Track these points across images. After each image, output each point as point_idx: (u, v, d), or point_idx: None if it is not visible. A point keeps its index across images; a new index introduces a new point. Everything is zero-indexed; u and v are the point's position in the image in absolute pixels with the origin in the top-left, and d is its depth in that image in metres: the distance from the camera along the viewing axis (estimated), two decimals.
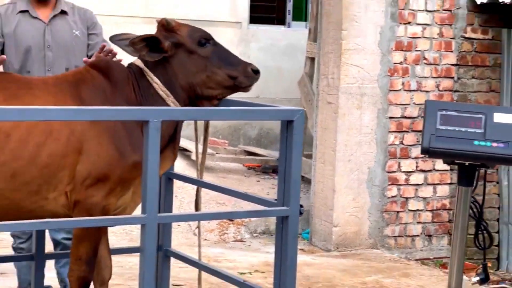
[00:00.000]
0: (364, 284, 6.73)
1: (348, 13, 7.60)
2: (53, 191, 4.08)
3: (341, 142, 7.69)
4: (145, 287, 3.80)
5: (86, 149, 4.09)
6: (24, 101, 4.03)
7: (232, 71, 4.28)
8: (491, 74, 8.19)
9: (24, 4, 4.87)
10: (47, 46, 4.87)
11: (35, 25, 4.86)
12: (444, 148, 3.32)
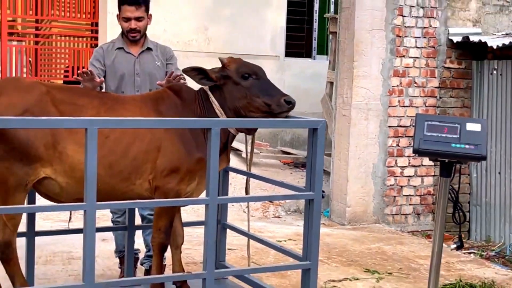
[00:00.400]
0: (369, 249, 6.69)
1: (358, 49, 7.56)
2: (139, 178, 4.09)
3: (353, 145, 7.66)
4: (208, 251, 3.82)
5: (163, 148, 4.11)
6: (119, 112, 4.07)
7: (267, 100, 4.18)
8: (464, 94, 8.14)
9: (120, 43, 4.91)
10: (136, 73, 4.91)
11: (128, 58, 4.90)
12: (430, 149, 3.31)
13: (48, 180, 3.92)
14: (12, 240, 3.95)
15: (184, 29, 10.26)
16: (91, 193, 3.44)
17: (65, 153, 3.87)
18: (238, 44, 10.57)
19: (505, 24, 8.24)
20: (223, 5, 10.35)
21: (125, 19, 4.80)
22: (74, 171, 3.87)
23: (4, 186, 3.80)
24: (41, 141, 3.81)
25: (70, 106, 3.98)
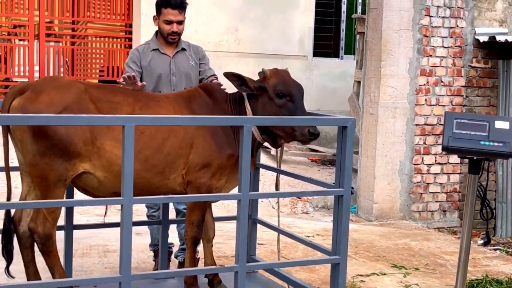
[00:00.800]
0: (396, 245, 6.67)
1: (386, 49, 7.54)
2: (173, 173, 4.13)
3: (380, 142, 7.64)
4: (240, 245, 3.84)
5: (196, 144, 4.13)
6: (153, 109, 4.12)
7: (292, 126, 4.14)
8: (490, 93, 8.06)
9: (155, 44, 4.93)
10: (172, 73, 4.94)
11: (163, 59, 4.92)
12: (459, 146, 3.28)
13: (87, 175, 3.96)
14: (52, 233, 3.99)
15: (214, 30, 10.30)
16: (128, 188, 3.47)
17: (103, 149, 3.92)
18: (267, 44, 10.59)
19: None
20: (252, 6, 10.37)
21: (167, 22, 4.81)
22: (111, 165, 3.91)
23: (45, 181, 3.85)
24: (80, 137, 3.86)
25: (107, 103, 4.03)
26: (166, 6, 4.78)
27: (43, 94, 3.89)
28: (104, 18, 10.65)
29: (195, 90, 4.44)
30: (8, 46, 10.23)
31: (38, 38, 10.10)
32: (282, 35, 10.80)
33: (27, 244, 4.15)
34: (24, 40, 10.05)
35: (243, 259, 3.83)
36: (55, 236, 4.07)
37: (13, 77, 10.13)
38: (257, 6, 10.45)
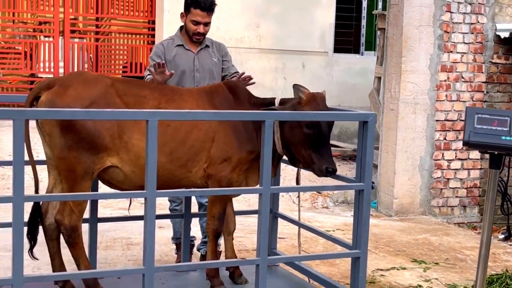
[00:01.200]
0: (416, 240, 6.66)
1: (406, 45, 7.52)
2: (195, 166, 4.15)
3: (400, 138, 7.62)
4: (262, 238, 3.84)
5: (217, 139, 4.16)
6: (177, 103, 4.14)
7: (314, 158, 4.09)
8: (511, 89, 8.02)
9: (179, 40, 4.95)
10: (196, 69, 4.95)
11: (188, 55, 4.94)
12: (480, 141, 3.25)
13: (113, 168, 3.99)
14: (78, 225, 4.02)
15: (236, 26, 10.32)
16: (152, 181, 3.49)
17: (130, 143, 3.94)
18: (288, 40, 10.59)
19: None
20: (273, 2, 10.36)
21: (195, 22, 4.81)
22: (139, 159, 3.92)
23: (72, 174, 3.88)
24: (107, 131, 3.88)
25: (133, 97, 4.05)
26: (196, 6, 4.78)
27: (70, 88, 3.92)
28: (128, 15, 10.69)
29: (219, 86, 4.46)
30: (34, 42, 10.31)
31: (63, 35, 10.17)
32: (303, 31, 10.79)
33: (53, 236, 4.19)
34: (49, 37, 10.12)
35: (264, 253, 3.83)
36: (81, 228, 4.10)
37: (39, 73, 10.21)
38: (278, 3, 10.45)
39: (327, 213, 7.81)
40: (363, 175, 4.02)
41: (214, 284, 4.38)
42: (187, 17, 4.86)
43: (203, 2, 4.78)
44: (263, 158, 3.77)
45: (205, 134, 4.14)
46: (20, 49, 10.10)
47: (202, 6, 4.77)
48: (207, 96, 4.32)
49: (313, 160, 4.11)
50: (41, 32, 10.14)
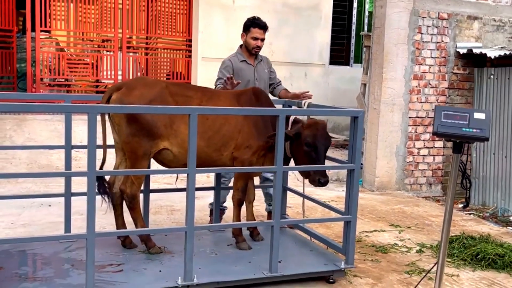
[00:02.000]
0: (393, 209, 6.64)
1: (387, 59, 7.47)
2: (226, 151, 4.19)
3: (381, 131, 7.58)
4: (276, 206, 3.88)
5: (242, 130, 4.19)
6: (215, 102, 4.19)
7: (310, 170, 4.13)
8: (467, 94, 7.94)
9: (242, 56, 5.01)
10: (256, 79, 5.00)
11: (249, 68, 5.00)
12: (446, 132, 3.24)
13: (165, 150, 4.04)
14: (137, 194, 4.09)
15: None
16: (192, 161, 3.53)
17: (178, 131, 3.99)
18: (295, 55, 10.56)
19: (500, 40, 8.02)
20: (283, 25, 10.33)
21: (254, 38, 4.92)
22: (184, 143, 3.96)
23: (135, 155, 3.94)
24: (161, 122, 3.94)
25: (182, 97, 4.10)
26: (255, 26, 4.91)
27: (135, 90, 3.98)
28: (170, 34, 10.68)
29: (247, 90, 4.48)
30: (98, 55, 10.34)
31: (121, 50, 10.20)
32: (306, 47, 10.75)
33: (118, 202, 4.25)
34: (111, 51, 10.15)
35: (278, 217, 3.87)
36: (139, 196, 4.17)
37: (102, 79, 10.25)
38: (288, 26, 10.42)
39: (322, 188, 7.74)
40: (354, 159, 4.06)
41: (238, 241, 4.44)
42: (247, 36, 4.95)
43: (260, 22, 4.92)
44: (277, 144, 3.80)
45: (234, 126, 4.18)
46: (88, 60, 10.14)
47: (260, 25, 4.90)
48: (237, 97, 4.35)
49: (309, 172, 4.16)
50: (104, 48, 10.18)
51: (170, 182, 6.92)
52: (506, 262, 4.64)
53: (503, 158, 7.26)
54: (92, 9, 9.98)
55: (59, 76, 9.77)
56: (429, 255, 4.95)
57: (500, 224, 6.47)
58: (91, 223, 3.35)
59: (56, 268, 3.83)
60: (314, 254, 4.40)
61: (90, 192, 3.35)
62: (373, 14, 7.82)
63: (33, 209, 5.74)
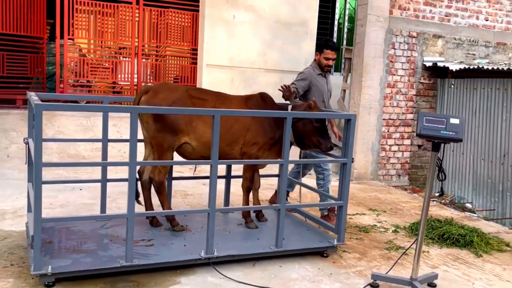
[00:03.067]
0: (370, 196, 6.76)
1: (366, 70, 7.59)
2: (236, 146, 4.23)
3: (359, 130, 7.72)
4: (282, 192, 3.99)
5: (250, 129, 4.24)
6: (227, 105, 4.22)
7: (322, 141, 4.25)
8: (431, 100, 8.11)
9: (317, 70, 5.01)
10: (328, 91, 5.06)
11: (323, 81, 5.02)
12: (427, 134, 3.33)
13: (186, 144, 4.09)
14: (164, 180, 4.15)
15: (251, 53, 10.33)
16: (215, 154, 3.62)
17: (197, 127, 4.05)
18: (284, 64, 10.61)
19: (459, 55, 8.21)
20: (276, 38, 10.40)
21: (326, 59, 4.91)
22: (201, 138, 4.04)
23: (161, 148, 4.00)
24: (182, 120, 4.00)
25: (199, 100, 4.14)
26: (328, 47, 4.90)
27: (160, 93, 4.04)
28: (177, 44, 10.70)
29: (255, 95, 4.48)
30: (115, 61, 10.34)
31: (137, 57, 10.22)
32: (294, 58, 10.82)
33: (147, 187, 4.32)
34: (126, 57, 10.16)
35: (284, 201, 3.98)
36: (165, 183, 4.25)
37: (118, 81, 10.25)
38: (279, 39, 10.49)
39: (309, 178, 7.81)
40: (347, 154, 4.15)
41: (247, 221, 4.53)
42: (320, 55, 4.94)
43: (332, 44, 4.91)
44: (284, 140, 3.90)
45: (243, 125, 4.22)
46: (107, 65, 10.14)
47: (332, 47, 4.89)
48: (246, 101, 4.37)
49: (320, 142, 4.25)
50: (121, 54, 10.16)
51: (181, 171, 6.98)
52: (467, 241, 4.81)
53: (461, 154, 7.46)
54: (110, 20, 9.98)
55: (82, 78, 9.76)
56: (403, 234, 5.10)
57: (458, 209, 6.66)
58: (131, 205, 3.43)
59: (97, 242, 3.91)
60: (311, 233, 4.51)
61: (131, 179, 3.43)
62: (354, 31, 7.94)
63: (67, 192, 5.79)
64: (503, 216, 6.61)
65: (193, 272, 3.69)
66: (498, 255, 4.65)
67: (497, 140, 6.85)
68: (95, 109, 3.53)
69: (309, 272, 3.88)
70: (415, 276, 3.60)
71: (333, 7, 11.69)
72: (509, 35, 8.46)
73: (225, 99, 4.31)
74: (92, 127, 8.25)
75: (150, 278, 3.54)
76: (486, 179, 7.00)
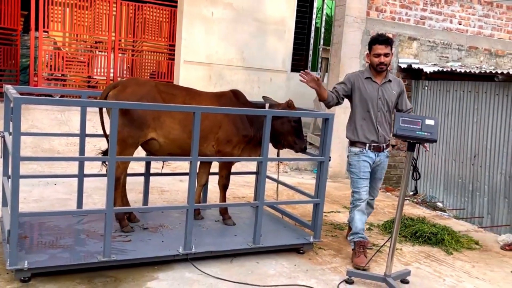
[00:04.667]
0: (344, 194, 6.83)
1: (342, 69, 7.64)
2: (205, 143, 4.16)
3: (335, 129, 7.50)
4: (261, 189, 4.01)
5: (222, 126, 4.20)
6: (197, 101, 4.15)
7: (297, 141, 4.28)
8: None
9: (368, 73, 4.27)
10: (379, 98, 4.25)
11: (373, 85, 4.24)
12: (403, 134, 3.39)
13: (152, 140, 4.00)
14: (120, 176, 4.00)
15: (229, 51, 10.36)
16: (195, 150, 3.61)
17: (164, 123, 3.97)
18: (262, 62, 10.69)
19: (433, 57, 8.37)
20: (254, 37, 10.45)
21: (376, 55, 4.17)
22: (169, 134, 3.97)
23: (125, 143, 3.87)
24: (150, 116, 3.92)
25: (168, 95, 4.05)
26: (375, 42, 4.18)
27: (128, 88, 3.95)
28: (155, 39, 10.64)
29: (227, 92, 4.42)
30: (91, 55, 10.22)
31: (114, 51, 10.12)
32: (272, 56, 10.89)
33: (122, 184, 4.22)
34: (103, 52, 10.06)
35: (262, 198, 3.99)
36: (123, 180, 4.11)
37: (94, 75, 10.15)
38: (257, 37, 10.54)
39: (286, 175, 7.90)
40: (324, 152, 4.21)
41: (225, 218, 4.55)
42: (370, 54, 4.23)
43: (380, 37, 4.19)
44: (264, 139, 3.92)
45: (213, 122, 4.15)
46: (83, 59, 10.02)
47: (380, 41, 4.14)
48: (217, 98, 4.31)
49: (296, 142, 4.26)
50: (97, 48, 10.06)
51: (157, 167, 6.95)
52: (439, 239, 4.95)
53: (433, 155, 7.64)
54: (86, 13, 9.85)
55: (57, 71, 9.62)
56: (377, 232, 5.21)
57: (430, 208, 6.82)
58: (110, 200, 3.43)
59: (74, 237, 3.89)
60: (287, 230, 4.56)
61: (111, 174, 3.42)
62: (332, 32, 8.00)
63: (41, 187, 5.71)
64: (472, 215, 6.80)
65: (171, 268, 3.71)
66: (467, 253, 4.80)
67: (468, 141, 7.04)
68: (75, 104, 3.50)
69: (286, 268, 3.94)
70: (389, 273, 3.69)
71: (310, 7, 11.80)
72: (481, 39, 8.69)
73: (196, 95, 4.23)
74: (67, 121, 8.14)
75: (128, 274, 3.54)
76: (457, 179, 7.19)
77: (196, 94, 4.27)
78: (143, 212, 4.56)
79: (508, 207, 6.29)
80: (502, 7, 8.82)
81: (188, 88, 4.39)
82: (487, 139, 6.71)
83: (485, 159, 6.70)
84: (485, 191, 6.69)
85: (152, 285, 3.42)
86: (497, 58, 8.80)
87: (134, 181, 5.27)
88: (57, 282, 3.34)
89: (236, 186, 6.50)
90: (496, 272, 4.38)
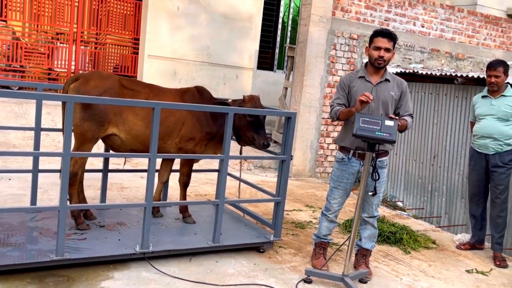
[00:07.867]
0: (307, 192, 6.86)
1: (307, 69, 7.69)
2: (169, 140, 4.13)
3: (299, 128, 7.81)
4: (221, 187, 3.97)
5: (186, 123, 4.14)
6: (160, 97, 4.08)
7: (255, 136, 4.17)
8: None
9: (362, 72, 3.89)
10: (378, 97, 3.81)
11: (366, 85, 3.83)
12: (363, 134, 3.41)
13: (113, 136, 3.93)
14: (77, 172, 3.91)
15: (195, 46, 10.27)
16: (154, 147, 3.54)
17: (127, 119, 3.90)
18: (228, 59, 10.63)
19: (397, 59, 8.50)
20: (220, 33, 10.38)
21: (376, 48, 3.77)
22: (131, 130, 3.91)
23: (83, 137, 3.80)
24: (112, 110, 3.84)
25: (131, 91, 3.99)
26: (377, 35, 3.78)
27: (91, 81, 3.86)
28: (119, 32, 10.44)
29: (190, 88, 4.37)
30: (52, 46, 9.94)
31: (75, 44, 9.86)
32: (238, 53, 10.85)
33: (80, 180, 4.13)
34: (63, 43, 9.78)
35: (223, 196, 3.96)
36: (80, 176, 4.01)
37: (54, 67, 9.87)
38: (223, 33, 10.48)
39: (249, 173, 7.89)
40: (286, 151, 4.18)
41: (185, 216, 4.49)
42: (370, 47, 3.84)
43: (383, 30, 3.81)
44: (225, 136, 3.88)
45: (178, 119, 4.11)
46: (43, 50, 9.73)
47: (383, 33, 3.75)
48: (181, 94, 4.26)
49: (254, 138, 4.19)
50: (58, 40, 9.78)
51: (118, 163, 6.81)
52: (397, 238, 5.01)
53: (394, 155, 7.75)
54: (47, 3, 9.57)
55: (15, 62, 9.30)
56: (337, 231, 5.23)
57: (390, 207, 6.92)
58: (64, 197, 3.32)
59: (25, 235, 3.75)
60: (248, 228, 4.53)
61: (65, 170, 3.31)
62: (297, 30, 8.01)
63: None
64: (431, 215, 6.94)
65: (127, 267, 3.62)
66: (425, 252, 4.88)
67: (428, 142, 7.17)
68: (29, 97, 3.36)
69: (245, 267, 3.91)
70: (346, 273, 3.71)
71: (278, 5, 11.80)
72: (443, 42, 8.87)
73: (159, 92, 4.16)
74: (24, 114, 7.89)
75: (82, 273, 3.44)
76: (417, 179, 7.31)
77: (160, 91, 4.19)
78: (100, 209, 4.45)
79: (464, 207, 6.45)
80: (463, 11, 9.03)
81: (152, 84, 4.31)
82: (447, 140, 6.85)
83: (444, 160, 6.85)
84: (443, 191, 6.84)
85: (106, 285, 3.33)
86: (457, 61, 9.01)
87: (93, 177, 5.15)
88: (6, 281, 3.21)
89: (198, 184, 6.44)
90: (451, 271, 4.47)
